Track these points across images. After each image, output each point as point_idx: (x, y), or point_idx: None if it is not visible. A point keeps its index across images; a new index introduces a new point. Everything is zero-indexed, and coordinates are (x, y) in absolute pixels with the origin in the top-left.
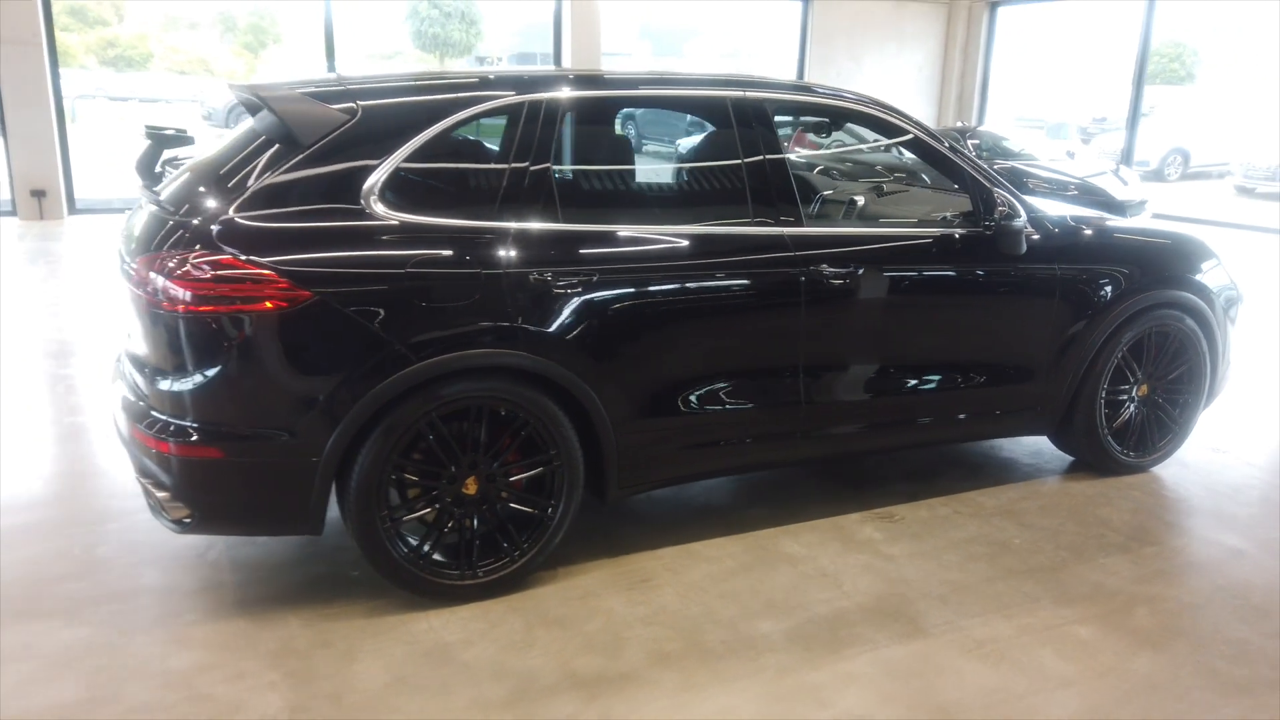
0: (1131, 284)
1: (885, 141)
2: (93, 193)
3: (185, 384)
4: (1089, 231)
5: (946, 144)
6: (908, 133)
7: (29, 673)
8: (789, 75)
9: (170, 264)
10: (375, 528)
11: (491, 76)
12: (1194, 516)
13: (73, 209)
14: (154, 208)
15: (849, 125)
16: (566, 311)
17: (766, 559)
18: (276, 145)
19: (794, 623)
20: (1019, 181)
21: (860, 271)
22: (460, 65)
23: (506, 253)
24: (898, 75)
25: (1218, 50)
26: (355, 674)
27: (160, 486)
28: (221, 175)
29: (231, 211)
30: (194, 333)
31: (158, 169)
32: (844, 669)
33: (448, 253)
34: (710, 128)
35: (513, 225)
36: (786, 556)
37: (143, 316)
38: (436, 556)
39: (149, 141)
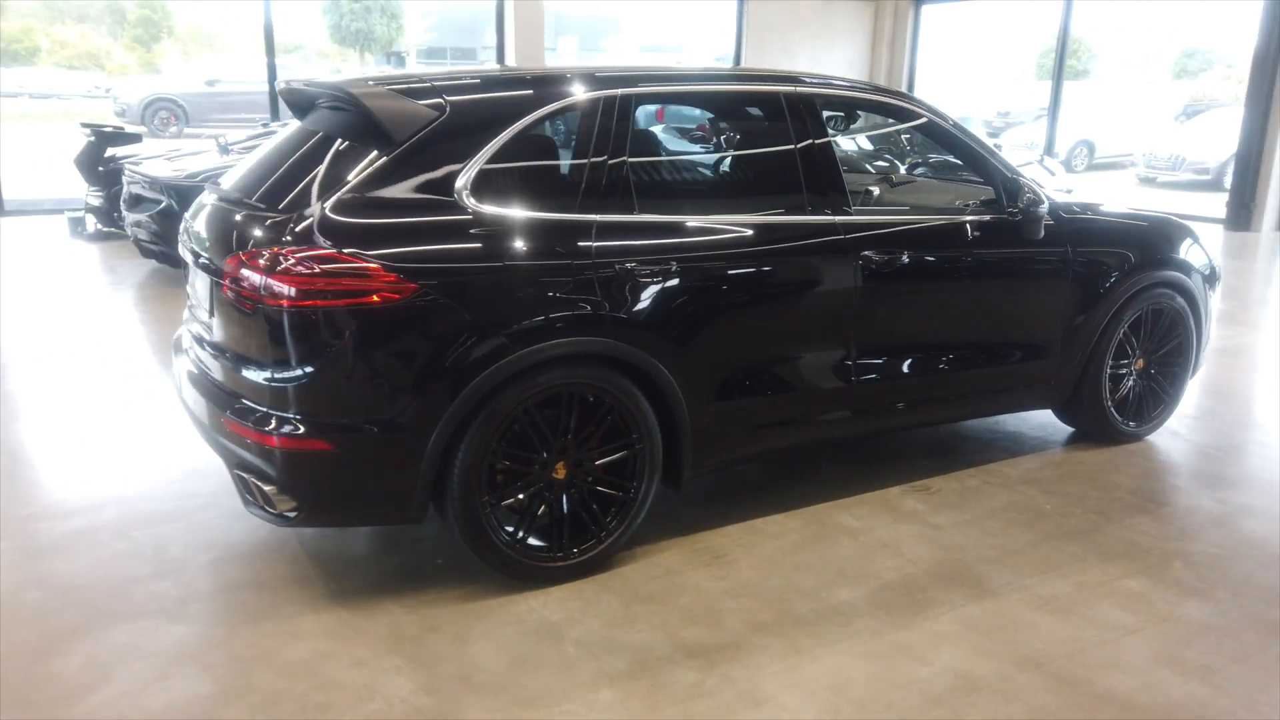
0: (1132, 265)
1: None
2: (20, 193)
3: (293, 378)
4: (1092, 216)
5: (975, 137)
6: (938, 125)
7: (149, 670)
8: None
9: (272, 260)
10: (478, 514)
11: (568, 73)
12: (1195, 479)
13: (2, 211)
14: (230, 205)
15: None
16: (647, 299)
17: (826, 532)
18: (364, 142)
19: (870, 589)
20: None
21: (903, 256)
22: (371, 62)
23: (593, 243)
24: (829, 70)
25: (1111, 46)
26: (474, 655)
27: (266, 480)
28: (310, 172)
29: (328, 207)
30: (301, 328)
31: (101, 167)
32: (931, 629)
33: (541, 244)
34: (763, 120)
35: (598, 217)
36: (844, 529)
37: (239, 313)
38: (531, 540)
39: (91, 139)
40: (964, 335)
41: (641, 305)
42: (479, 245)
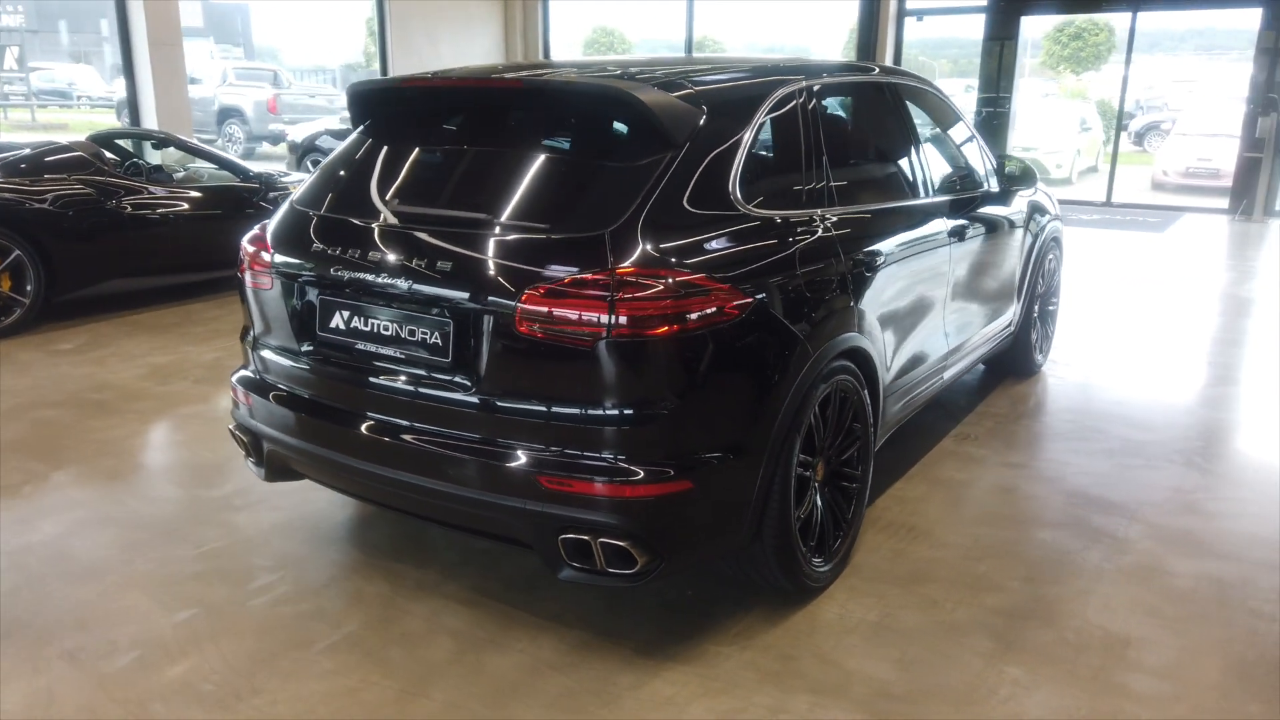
0: (1043, 216)
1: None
2: None
3: (646, 416)
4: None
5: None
6: (957, 115)
7: None
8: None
9: (606, 288)
10: (791, 531)
11: (773, 63)
12: (1116, 391)
13: None
14: (455, 229)
15: None
16: (872, 290)
17: (954, 489)
18: (631, 145)
19: (1053, 528)
20: None
21: (969, 227)
22: None
23: (840, 236)
24: (471, 59)
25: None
26: (857, 670)
27: (617, 536)
28: (571, 183)
29: (642, 223)
30: (650, 358)
31: None
32: (1140, 549)
33: (813, 242)
34: (889, 110)
35: (825, 211)
36: (961, 483)
37: (553, 352)
38: (811, 544)
39: None
40: (989, 291)
41: (869, 296)
42: (780, 250)
